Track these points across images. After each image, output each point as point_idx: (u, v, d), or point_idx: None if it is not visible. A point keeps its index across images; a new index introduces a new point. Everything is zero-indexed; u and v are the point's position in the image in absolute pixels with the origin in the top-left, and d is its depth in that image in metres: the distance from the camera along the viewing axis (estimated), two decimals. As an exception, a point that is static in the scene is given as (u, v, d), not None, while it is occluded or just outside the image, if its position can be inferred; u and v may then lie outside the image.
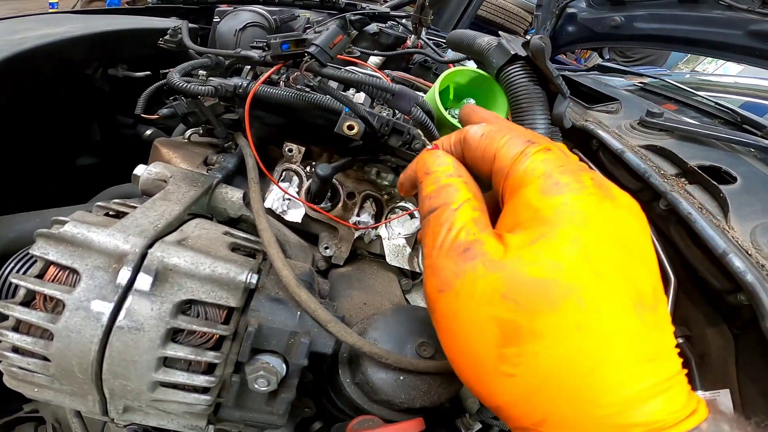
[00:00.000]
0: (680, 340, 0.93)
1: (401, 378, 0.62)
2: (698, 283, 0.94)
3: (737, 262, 0.79)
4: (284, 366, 0.54)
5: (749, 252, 0.83)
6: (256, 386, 0.50)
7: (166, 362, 0.47)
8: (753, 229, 0.87)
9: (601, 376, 0.26)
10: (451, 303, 0.31)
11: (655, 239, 0.99)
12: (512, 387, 0.29)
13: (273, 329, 0.53)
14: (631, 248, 0.29)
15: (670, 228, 1.00)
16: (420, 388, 0.63)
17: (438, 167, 0.37)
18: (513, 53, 0.60)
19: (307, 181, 0.87)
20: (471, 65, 0.83)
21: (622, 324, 0.27)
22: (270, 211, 0.81)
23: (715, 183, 0.93)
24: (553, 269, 0.27)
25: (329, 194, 0.87)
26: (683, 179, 1.00)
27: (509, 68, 0.61)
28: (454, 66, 1.18)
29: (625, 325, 0.27)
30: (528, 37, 0.65)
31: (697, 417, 0.27)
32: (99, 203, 0.57)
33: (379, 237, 0.91)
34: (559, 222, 0.29)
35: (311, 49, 0.58)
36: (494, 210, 0.35)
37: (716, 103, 1.24)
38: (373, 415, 0.65)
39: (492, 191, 0.37)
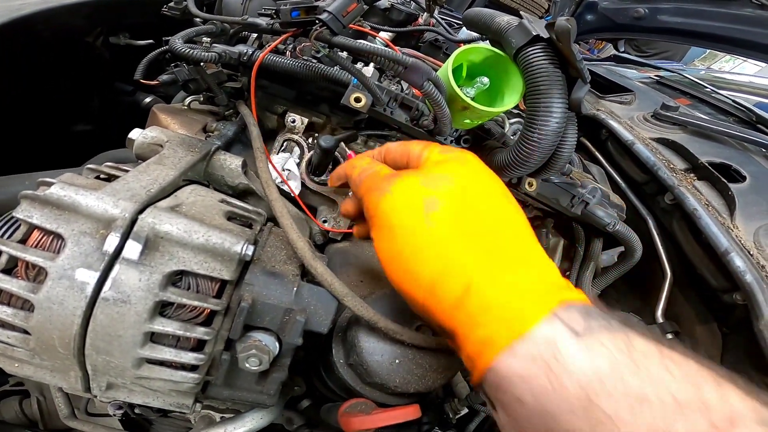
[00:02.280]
0: (669, 336, 0.93)
1: (396, 361, 0.61)
2: (694, 280, 0.94)
3: (738, 262, 0.79)
4: (277, 344, 0.52)
5: (751, 252, 0.82)
6: (247, 365, 0.48)
7: (153, 337, 0.45)
8: (757, 229, 0.86)
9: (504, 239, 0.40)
10: (389, 200, 0.42)
11: (655, 233, 0.98)
12: (430, 241, 0.39)
13: (267, 305, 0.51)
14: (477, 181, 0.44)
15: (672, 223, 0.99)
16: (415, 372, 0.61)
17: (364, 162, 0.51)
18: (535, 34, 0.56)
19: (309, 152, 0.85)
20: (481, 44, 0.80)
21: (503, 207, 0.42)
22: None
23: (724, 180, 0.91)
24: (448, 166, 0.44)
25: (330, 167, 0.84)
26: (692, 174, 0.98)
27: (529, 49, 0.58)
28: (466, 45, 1.14)
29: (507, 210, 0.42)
30: (543, 21, 0.62)
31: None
32: (90, 166, 0.53)
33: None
34: (448, 160, 0.45)
35: (323, 16, 0.54)
36: None
37: (733, 101, 1.21)
38: (366, 398, 0.64)
39: None
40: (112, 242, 0.42)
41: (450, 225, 0.39)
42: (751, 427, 0.26)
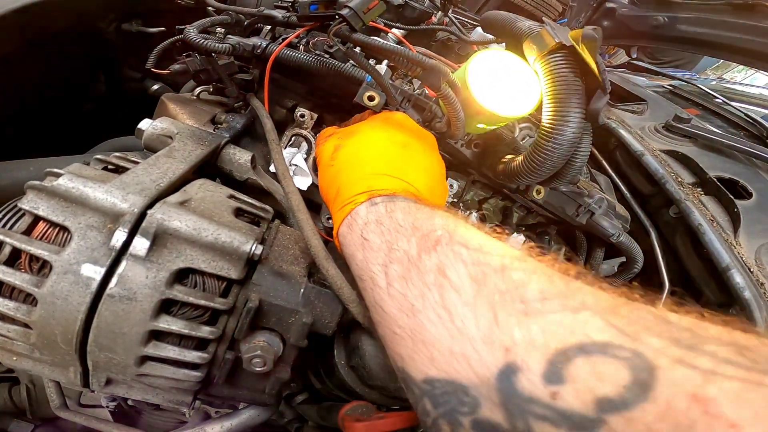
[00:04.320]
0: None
1: (398, 365, 0.60)
2: (692, 294, 0.94)
3: (738, 278, 0.79)
4: (281, 345, 0.51)
5: (751, 269, 0.82)
6: (252, 366, 0.47)
7: (157, 335, 0.44)
8: (759, 247, 0.86)
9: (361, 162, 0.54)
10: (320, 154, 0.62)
11: (657, 246, 0.98)
12: (330, 172, 0.56)
13: (274, 306, 0.50)
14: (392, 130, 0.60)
15: (675, 236, 0.98)
16: (416, 377, 0.61)
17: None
18: (557, 41, 0.55)
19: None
20: (498, 48, 0.78)
21: (374, 143, 0.57)
22: (274, 176, 0.77)
23: (731, 197, 0.91)
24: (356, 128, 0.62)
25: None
26: (699, 189, 0.98)
27: (551, 56, 0.57)
28: (479, 48, 1.13)
29: (377, 145, 0.56)
30: (565, 27, 0.61)
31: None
32: (98, 156, 0.52)
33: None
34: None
35: (344, 12, 0.52)
36: None
37: (745, 114, 1.20)
38: (365, 401, 0.64)
39: None
40: (119, 237, 0.41)
41: (338, 162, 0.56)
42: (447, 247, 0.37)
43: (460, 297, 0.33)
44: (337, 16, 0.53)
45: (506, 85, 0.66)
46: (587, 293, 0.31)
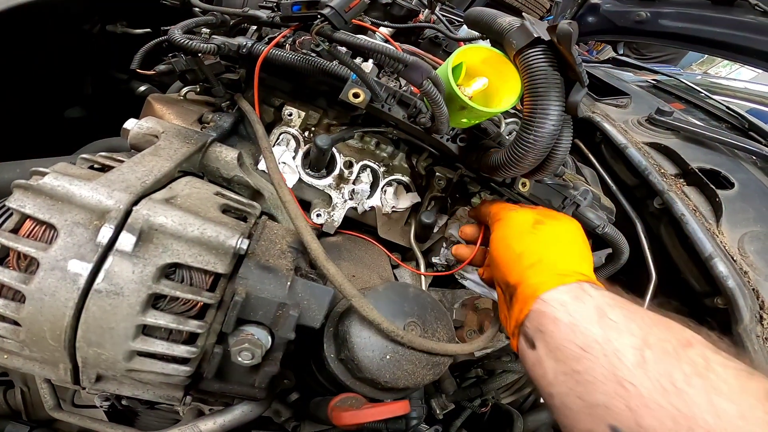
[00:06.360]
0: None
1: (387, 357, 0.61)
2: (678, 284, 0.96)
3: (721, 267, 0.80)
4: (269, 338, 0.52)
5: (734, 258, 0.84)
6: (240, 359, 0.48)
7: (145, 330, 0.45)
8: (742, 236, 0.88)
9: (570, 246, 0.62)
10: (513, 214, 0.69)
11: (642, 236, 1.00)
12: (530, 238, 0.63)
13: (261, 299, 0.51)
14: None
15: (660, 227, 1.00)
16: (405, 368, 0.62)
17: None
18: (536, 36, 0.56)
19: (305, 145, 0.84)
20: (482, 44, 0.79)
21: (575, 236, 0.66)
22: (263, 174, 0.78)
23: (712, 187, 0.93)
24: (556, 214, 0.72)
25: (327, 164, 0.84)
26: (682, 180, 0.99)
27: (529, 51, 0.58)
28: (466, 45, 1.14)
29: (578, 239, 0.65)
30: (545, 22, 0.62)
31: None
32: (84, 155, 0.53)
33: (372, 208, 0.89)
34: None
35: (326, 11, 0.53)
36: None
37: (726, 107, 1.22)
38: (356, 393, 0.64)
39: None
40: (105, 234, 0.42)
41: (543, 234, 0.63)
42: (702, 348, 0.43)
43: (728, 387, 0.40)
44: (319, 16, 0.54)
45: (488, 80, 0.67)
46: None
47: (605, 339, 0.46)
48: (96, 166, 0.52)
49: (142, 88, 1.20)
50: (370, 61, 0.77)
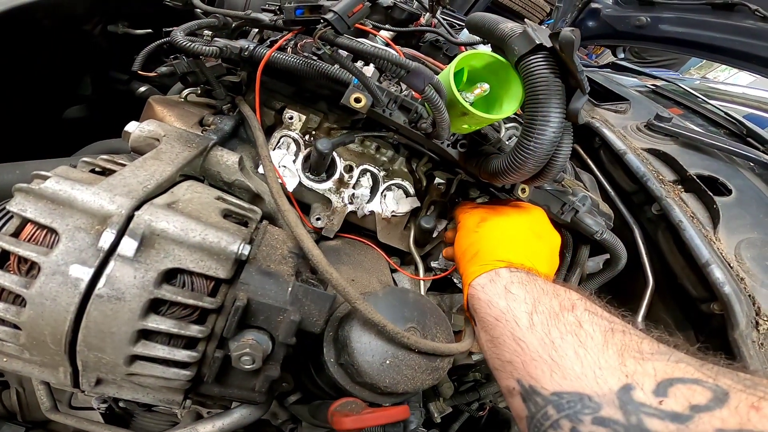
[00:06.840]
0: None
1: (387, 362, 0.61)
2: (675, 289, 0.96)
3: (717, 273, 0.81)
4: (270, 343, 0.52)
5: (731, 264, 0.85)
6: (241, 364, 0.48)
7: (146, 335, 0.45)
8: (739, 242, 0.89)
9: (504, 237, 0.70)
10: (466, 216, 0.79)
11: (640, 242, 1.01)
12: (472, 236, 0.72)
13: (262, 305, 0.51)
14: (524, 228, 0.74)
15: (657, 232, 1.01)
16: (404, 373, 0.62)
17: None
18: (538, 42, 0.56)
19: (305, 149, 0.84)
20: (483, 50, 0.80)
21: (517, 226, 0.73)
22: (263, 177, 0.78)
23: (710, 194, 0.93)
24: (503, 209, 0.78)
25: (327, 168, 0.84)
26: (680, 186, 1.00)
27: (531, 58, 0.58)
28: (467, 49, 1.14)
29: (519, 228, 0.73)
30: (544, 27, 0.62)
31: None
32: (85, 158, 0.53)
33: (372, 213, 0.89)
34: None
35: (329, 16, 0.53)
36: None
37: (725, 113, 1.23)
38: (355, 398, 0.65)
39: None
40: (107, 238, 0.42)
41: (483, 230, 0.72)
42: (581, 310, 0.52)
43: (593, 342, 0.48)
44: (322, 20, 0.54)
45: (490, 86, 0.67)
46: (682, 354, 0.44)
47: (508, 309, 0.57)
48: (97, 169, 0.52)
49: (143, 89, 1.20)
50: (372, 65, 0.77)
